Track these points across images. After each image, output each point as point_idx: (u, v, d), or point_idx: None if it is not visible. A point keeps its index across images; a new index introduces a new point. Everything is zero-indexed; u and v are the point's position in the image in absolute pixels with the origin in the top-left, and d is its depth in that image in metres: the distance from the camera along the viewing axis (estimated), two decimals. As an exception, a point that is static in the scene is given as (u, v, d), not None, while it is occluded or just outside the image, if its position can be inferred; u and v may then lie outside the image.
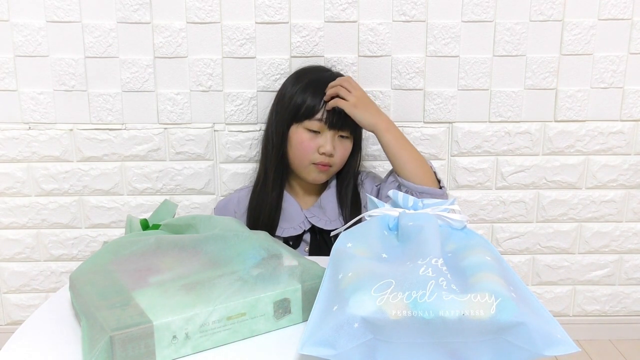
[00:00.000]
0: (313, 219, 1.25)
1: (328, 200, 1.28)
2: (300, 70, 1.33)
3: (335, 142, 1.23)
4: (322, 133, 1.22)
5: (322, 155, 1.21)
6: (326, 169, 1.23)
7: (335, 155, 1.23)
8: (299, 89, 1.24)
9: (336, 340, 0.58)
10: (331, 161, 1.23)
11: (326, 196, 1.29)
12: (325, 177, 1.26)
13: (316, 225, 1.25)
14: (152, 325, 0.61)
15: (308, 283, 0.72)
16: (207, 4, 1.39)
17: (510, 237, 1.56)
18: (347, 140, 1.26)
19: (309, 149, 1.22)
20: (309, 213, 1.26)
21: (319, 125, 1.21)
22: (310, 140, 1.22)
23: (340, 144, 1.24)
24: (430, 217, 0.73)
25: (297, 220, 1.26)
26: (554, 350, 0.59)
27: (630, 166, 1.52)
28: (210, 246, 0.75)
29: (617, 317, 1.62)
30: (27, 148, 1.45)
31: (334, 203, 1.28)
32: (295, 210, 1.27)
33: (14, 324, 1.57)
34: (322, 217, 1.26)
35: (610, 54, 1.45)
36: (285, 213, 1.27)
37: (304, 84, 1.25)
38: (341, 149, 1.24)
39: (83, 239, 1.52)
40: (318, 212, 1.27)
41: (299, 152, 1.23)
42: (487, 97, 1.47)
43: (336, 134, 1.23)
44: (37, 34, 1.39)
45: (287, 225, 1.26)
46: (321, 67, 1.36)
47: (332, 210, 1.27)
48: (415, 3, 1.40)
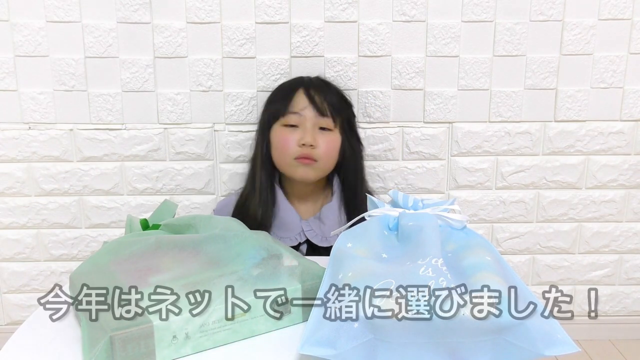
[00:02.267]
0: (309, 232, 1.24)
1: (329, 213, 1.26)
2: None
3: (316, 133, 1.22)
4: (301, 126, 1.22)
5: (302, 147, 1.20)
6: (310, 162, 1.21)
7: (317, 147, 1.21)
8: (274, 92, 1.32)
9: (336, 340, 0.58)
10: (314, 154, 1.21)
11: (327, 208, 1.26)
12: (313, 173, 1.23)
13: (311, 239, 1.23)
14: (152, 325, 0.61)
15: (308, 283, 0.72)
16: (207, 4, 1.39)
17: (510, 237, 1.56)
18: (330, 132, 1.24)
19: (289, 143, 1.21)
20: (307, 225, 1.25)
21: (296, 118, 1.22)
22: (290, 134, 1.22)
23: (322, 136, 1.22)
24: (430, 217, 0.73)
25: (294, 231, 1.24)
26: (554, 350, 0.59)
27: (630, 166, 1.52)
28: (210, 246, 0.74)
29: (617, 317, 1.62)
30: (27, 148, 1.45)
31: (335, 217, 1.25)
32: (293, 221, 1.25)
33: (14, 324, 1.57)
34: (319, 232, 1.23)
35: (610, 54, 1.45)
36: (282, 222, 1.25)
37: (279, 87, 1.32)
38: (324, 141, 1.22)
39: (83, 239, 1.52)
40: (316, 226, 1.25)
41: (280, 148, 1.23)
42: (487, 97, 1.47)
43: (316, 125, 1.22)
44: (37, 34, 1.39)
45: (283, 234, 1.24)
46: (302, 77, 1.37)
47: (332, 224, 1.24)
48: (415, 3, 1.40)
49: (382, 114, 1.47)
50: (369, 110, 1.46)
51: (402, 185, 1.51)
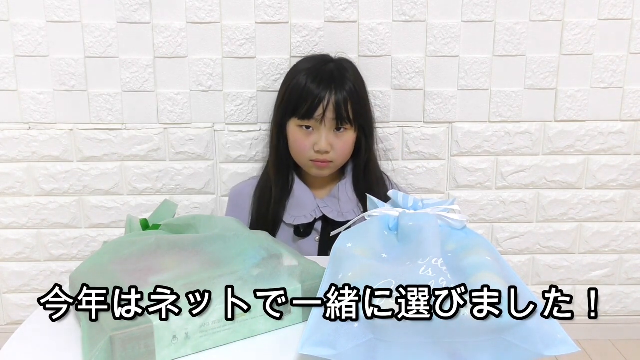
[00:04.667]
0: (325, 209, 1.23)
1: (343, 191, 1.25)
2: (300, 62, 1.30)
3: (332, 137, 1.19)
4: (317, 129, 1.20)
5: (317, 153, 1.19)
6: (325, 165, 1.21)
7: (333, 151, 1.20)
8: (293, 86, 1.22)
9: (336, 340, 0.59)
10: (329, 157, 1.20)
11: (342, 186, 1.26)
12: (329, 172, 1.24)
13: (328, 215, 1.23)
14: (152, 325, 0.61)
15: (308, 283, 0.72)
16: (207, 4, 1.39)
17: (510, 237, 1.56)
18: (347, 132, 1.22)
19: (304, 147, 1.20)
20: (322, 203, 1.24)
21: (312, 122, 1.19)
22: (305, 137, 1.20)
23: (337, 139, 1.20)
24: (430, 217, 0.73)
25: (309, 208, 1.24)
26: (554, 350, 0.59)
27: (630, 166, 1.52)
28: (210, 246, 0.74)
29: (617, 317, 1.62)
30: (27, 148, 1.45)
31: (350, 194, 1.25)
32: (308, 198, 1.25)
33: (14, 324, 1.57)
34: (335, 208, 1.23)
35: (610, 54, 1.45)
36: (297, 200, 1.25)
37: (301, 78, 1.21)
38: (339, 143, 1.20)
39: (83, 239, 1.52)
40: (332, 203, 1.24)
41: (295, 149, 1.23)
42: (487, 97, 1.47)
43: (332, 128, 1.20)
44: (37, 34, 1.39)
45: (298, 212, 1.24)
46: (325, 57, 1.31)
47: (347, 201, 1.24)
48: (415, 3, 1.40)
49: (382, 114, 1.47)
50: (369, 110, 1.46)
51: (402, 185, 1.50)
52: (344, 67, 1.26)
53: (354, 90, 1.21)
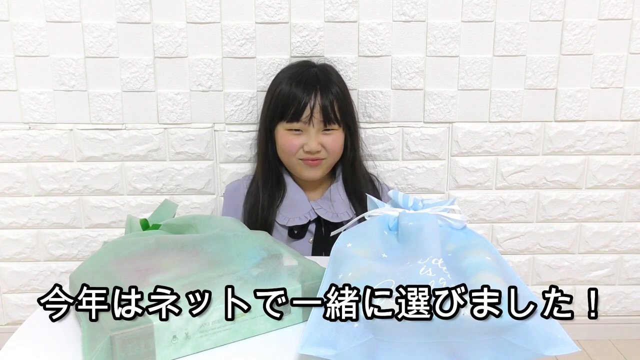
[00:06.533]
0: (320, 210, 1.25)
1: (336, 193, 1.27)
2: (282, 71, 1.32)
3: (320, 137, 1.22)
4: (305, 131, 1.21)
5: (308, 153, 1.22)
6: (317, 163, 1.23)
7: (324, 149, 1.22)
8: (279, 92, 1.24)
9: (336, 340, 0.59)
10: (321, 155, 1.22)
11: (334, 188, 1.28)
12: (320, 172, 1.26)
13: (322, 216, 1.24)
14: (152, 325, 0.61)
15: (308, 283, 0.72)
16: (207, 4, 1.39)
17: (510, 237, 1.56)
18: (336, 131, 1.24)
19: (294, 147, 1.22)
20: (316, 205, 1.26)
21: (300, 125, 1.21)
22: (295, 139, 1.22)
23: (327, 138, 1.23)
24: (430, 217, 0.73)
25: (303, 210, 1.25)
26: (554, 350, 0.59)
27: (630, 166, 1.52)
28: (210, 246, 0.75)
29: (617, 317, 1.62)
30: (27, 148, 1.45)
31: (343, 195, 1.27)
32: (302, 200, 1.27)
33: (14, 324, 1.57)
34: (329, 210, 1.25)
35: (610, 54, 1.45)
36: (291, 202, 1.26)
37: (285, 84, 1.24)
38: (329, 140, 1.23)
39: (83, 239, 1.52)
40: (325, 204, 1.26)
41: (284, 150, 1.24)
42: (487, 97, 1.47)
43: (320, 129, 1.22)
44: (37, 34, 1.39)
45: (292, 214, 1.25)
46: (307, 63, 1.33)
47: (340, 203, 1.26)
48: (415, 3, 1.40)
49: (382, 114, 1.47)
50: (369, 110, 1.46)
51: (402, 185, 1.51)
52: (327, 70, 1.30)
53: (339, 91, 1.25)
